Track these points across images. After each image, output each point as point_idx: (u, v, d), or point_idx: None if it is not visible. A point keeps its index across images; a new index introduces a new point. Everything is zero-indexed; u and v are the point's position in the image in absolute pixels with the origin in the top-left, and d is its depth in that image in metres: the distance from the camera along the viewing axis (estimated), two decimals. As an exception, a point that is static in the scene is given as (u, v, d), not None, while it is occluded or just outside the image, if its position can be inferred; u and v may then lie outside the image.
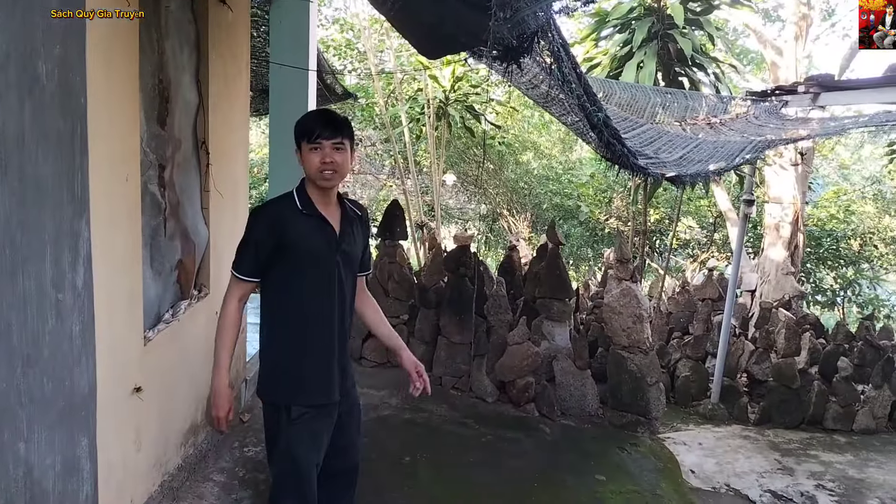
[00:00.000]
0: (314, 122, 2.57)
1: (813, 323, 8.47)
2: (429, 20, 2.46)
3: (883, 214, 14.40)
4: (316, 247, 2.57)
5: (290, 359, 2.60)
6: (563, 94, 2.66)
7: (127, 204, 2.81)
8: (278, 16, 6.60)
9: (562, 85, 2.56)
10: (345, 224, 2.67)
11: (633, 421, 5.01)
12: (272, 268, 2.56)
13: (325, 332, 2.62)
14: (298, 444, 2.58)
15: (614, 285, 5.08)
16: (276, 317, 2.63)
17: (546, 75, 2.85)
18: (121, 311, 2.81)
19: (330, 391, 2.63)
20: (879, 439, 6.97)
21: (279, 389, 2.60)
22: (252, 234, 2.59)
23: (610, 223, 15.84)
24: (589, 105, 2.58)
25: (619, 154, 2.95)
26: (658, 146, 4.01)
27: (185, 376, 3.65)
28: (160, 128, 3.23)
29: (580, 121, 3.03)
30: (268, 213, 2.63)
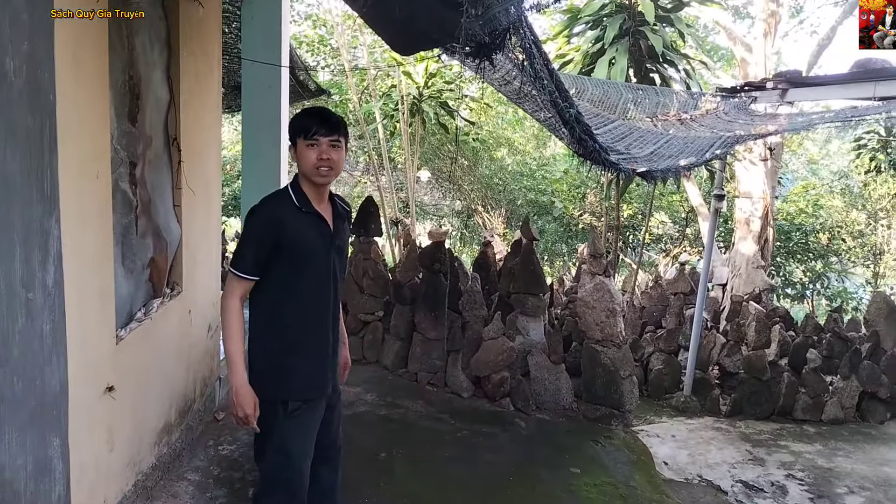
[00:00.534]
0: (311, 120, 2.59)
1: (782, 316, 8.61)
2: (401, 17, 2.47)
3: (850, 208, 14.66)
4: (314, 244, 2.62)
5: (287, 355, 2.63)
6: (535, 90, 2.68)
7: (97, 201, 2.78)
8: (250, 12, 6.56)
9: (534, 81, 2.58)
10: (337, 220, 2.73)
11: (606, 414, 5.07)
12: (270, 266, 2.59)
13: (322, 328, 2.68)
14: (294, 437, 2.63)
15: (588, 280, 5.13)
16: (272, 313, 2.66)
17: (518, 72, 2.87)
18: (92, 310, 2.78)
19: (325, 385, 2.71)
20: (847, 429, 7.11)
21: (275, 385, 2.62)
22: (252, 233, 2.62)
23: (584, 219, 15.95)
24: (561, 101, 2.60)
25: (590, 150, 2.98)
26: (629, 142, 4.06)
27: (158, 375, 3.63)
28: (131, 125, 3.20)
29: (552, 117, 3.06)
30: (266, 212, 2.63)
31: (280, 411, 2.60)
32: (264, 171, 6.72)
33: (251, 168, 6.82)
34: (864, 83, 4.80)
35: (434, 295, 5.34)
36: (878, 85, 4.67)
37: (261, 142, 6.69)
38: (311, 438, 2.71)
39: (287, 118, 7.05)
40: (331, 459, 2.93)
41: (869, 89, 4.77)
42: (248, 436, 4.31)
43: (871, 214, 14.33)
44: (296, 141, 2.64)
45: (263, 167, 6.72)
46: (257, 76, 6.58)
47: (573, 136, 2.86)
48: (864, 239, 14.62)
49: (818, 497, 5.48)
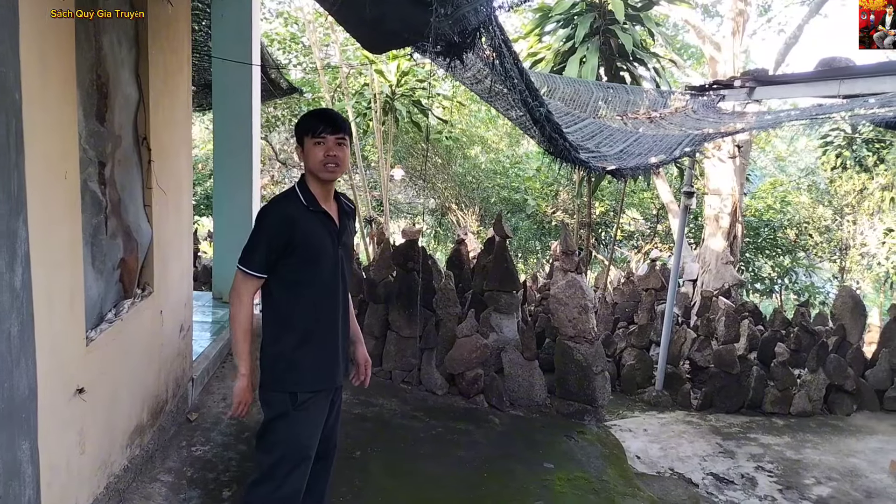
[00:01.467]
0: (317, 119, 2.71)
1: (751, 310, 8.75)
2: (371, 16, 2.47)
3: (817, 204, 14.91)
4: (322, 242, 2.72)
5: (298, 348, 2.72)
6: (505, 89, 2.70)
7: (66, 202, 2.75)
8: (220, 9, 6.52)
9: (504, 80, 2.60)
10: (342, 217, 2.84)
11: (580, 409, 5.12)
12: (280, 264, 2.68)
13: (332, 322, 2.78)
14: (302, 429, 2.72)
15: (560, 277, 5.17)
16: (285, 309, 2.74)
17: (489, 71, 2.89)
18: (61, 312, 2.75)
19: (334, 377, 2.83)
20: (815, 421, 7.24)
21: (287, 377, 2.71)
22: (262, 232, 2.69)
23: (557, 216, 16.04)
24: (531, 100, 2.62)
25: (561, 148, 3.00)
26: (599, 140, 4.10)
27: (129, 376, 3.60)
28: (99, 124, 3.17)
29: (523, 116, 3.08)
30: (277, 212, 2.72)
31: (289, 403, 2.68)
32: (236, 169, 6.70)
33: (223, 166, 6.78)
34: (829, 81, 4.89)
35: (408, 293, 5.35)
36: (842, 83, 4.76)
37: (233, 140, 6.66)
38: (317, 431, 2.79)
39: (259, 116, 7.02)
40: (327, 455, 2.99)
41: (834, 87, 4.87)
42: (221, 436, 4.30)
43: (837, 210, 14.57)
44: (303, 140, 2.72)
45: (236, 165, 6.70)
46: (228, 74, 6.54)
47: (543, 134, 2.88)
48: (831, 234, 14.87)
49: (787, 488, 5.58)
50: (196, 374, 4.83)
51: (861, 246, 13.89)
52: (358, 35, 3.31)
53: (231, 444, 4.20)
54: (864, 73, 4.71)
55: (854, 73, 4.76)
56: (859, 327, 7.82)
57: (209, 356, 5.26)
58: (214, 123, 6.88)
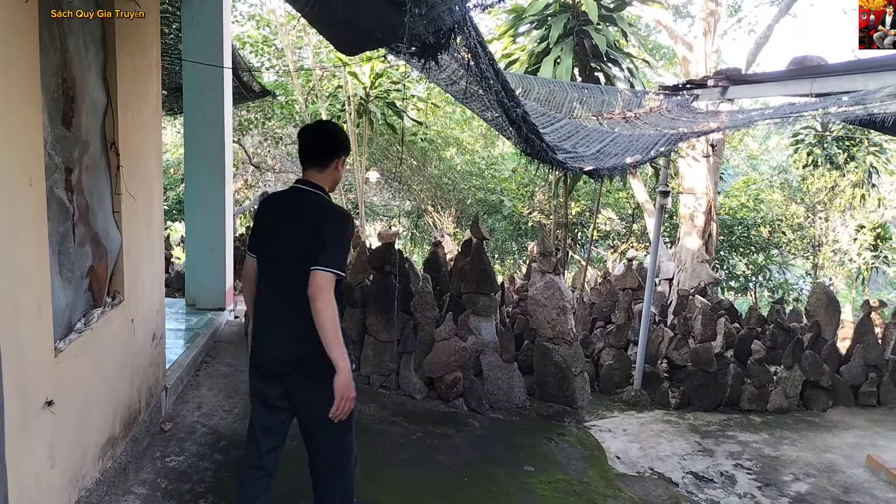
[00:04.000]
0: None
1: (727, 308, 8.81)
2: (344, 16, 2.43)
3: (790, 202, 15.07)
4: None
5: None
6: (481, 90, 2.67)
7: (31, 210, 2.67)
8: (190, 12, 6.43)
9: (480, 81, 2.56)
10: None
11: (559, 411, 5.10)
12: None
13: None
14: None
15: (538, 278, 5.15)
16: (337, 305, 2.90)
17: (464, 72, 2.85)
18: (28, 323, 2.67)
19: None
20: (792, 417, 7.30)
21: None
22: (348, 236, 2.96)
23: (533, 217, 16.07)
24: (507, 101, 2.59)
25: (538, 149, 2.98)
26: (576, 141, 4.08)
27: (100, 386, 3.51)
28: (65, 129, 3.09)
29: (499, 116, 3.05)
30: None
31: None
32: (209, 173, 6.61)
33: (195, 171, 6.69)
34: (801, 80, 4.92)
35: (385, 297, 5.29)
36: (814, 82, 4.79)
37: (205, 144, 6.57)
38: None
39: (231, 120, 6.94)
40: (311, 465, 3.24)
41: (806, 86, 4.90)
42: (196, 446, 4.21)
43: (809, 208, 14.75)
44: (342, 157, 3.00)
45: (208, 170, 6.61)
46: (199, 78, 6.46)
47: (520, 135, 2.85)
48: (804, 232, 15.04)
49: (765, 485, 5.60)
50: (170, 382, 4.74)
51: (833, 243, 14.05)
52: (331, 36, 3.26)
53: (206, 454, 4.12)
54: (835, 72, 4.75)
55: (826, 71, 4.80)
56: (834, 323, 7.90)
57: (183, 364, 5.17)
58: (185, 127, 6.79)
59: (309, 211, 2.95)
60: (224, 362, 5.73)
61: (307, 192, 3.01)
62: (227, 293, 6.79)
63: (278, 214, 3.07)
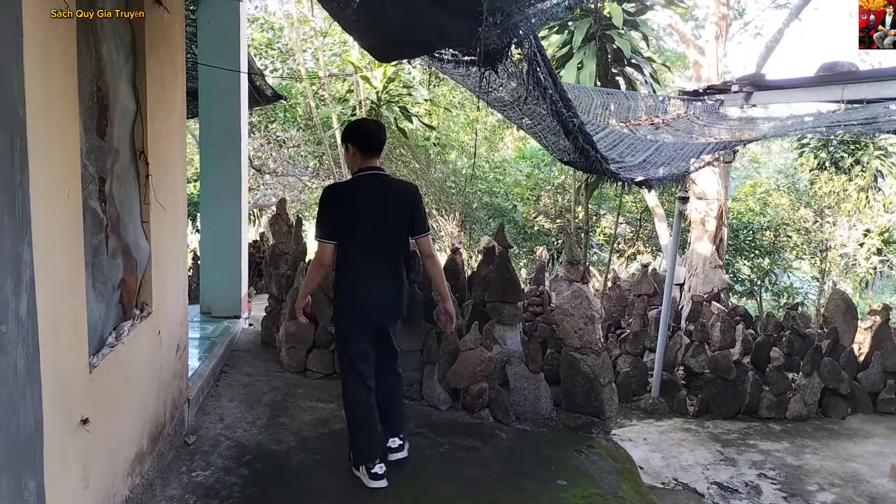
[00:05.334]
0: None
1: (743, 315, 8.74)
2: (397, 25, 2.35)
3: (798, 206, 15.02)
4: None
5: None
6: (537, 99, 2.58)
7: (69, 222, 2.59)
8: (206, 16, 6.35)
9: (535, 89, 2.48)
10: None
11: (587, 422, 5.01)
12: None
13: None
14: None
15: (565, 287, 5.07)
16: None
17: (514, 80, 2.77)
18: (66, 339, 2.59)
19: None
20: (811, 425, 7.23)
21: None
22: None
23: (538, 221, 15.99)
24: (565, 111, 2.52)
25: (593, 160, 2.90)
26: (622, 150, 4.00)
27: (130, 401, 3.43)
28: (100, 138, 3.00)
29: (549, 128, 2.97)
30: None
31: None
32: (224, 179, 6.52)
33: (210, 177, 6.60)
34: (831, 86, 4.86)
35: (408, 305, 5.19)
36: (846, 88, 4.72)
37: (220, 150, 6.48)
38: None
39: (246, 125, 6.85)
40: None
41: (837, 92, 4.83)
42: (221, 460, 4.13)
43: (817, 212, 14.70)
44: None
45: (223, 175, 6.52)
46: (215, 82, 6.37)
47: (576, 146, 2.77)
48: (811, 236, 14.99)
49: (791, 496, 5.54)
50: (191, 394, 4.66)
51: (841, 247, 14.00)
52: (371, 44, 3.18)
53: (232, 468, 4.03)
54: (868, 78, 4.68)
55: (858, 77, 4.73)
56: (852, 330, 7.83)
57: (203, 374, 5.08)
58: (201, 132, 6.71)
59: (402, 191, 3.82)
60: (243, 372, 5.64)
61: (388, 177, 3.79)
62: (242, 300, 6.70)
63: (369, 199, 3.70)
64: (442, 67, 3.63)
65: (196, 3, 6.26)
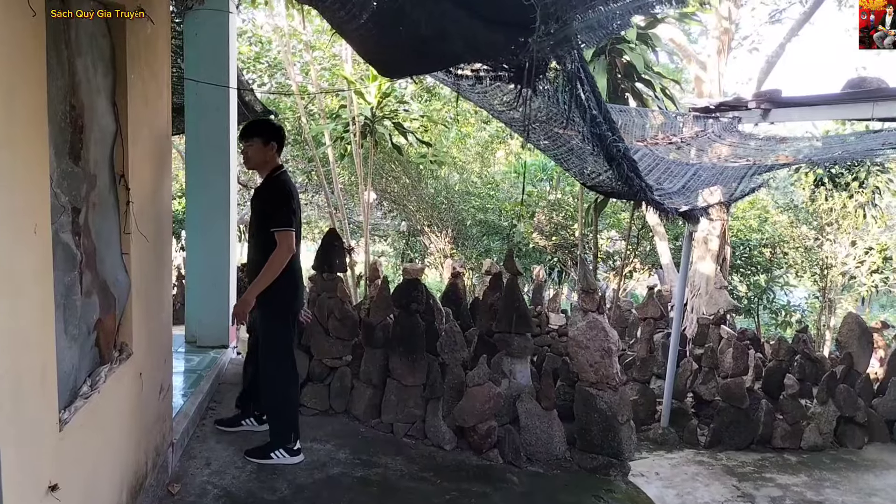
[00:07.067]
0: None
1: (751, 338, 8.43)
2: (420, 35, 2.01)
3: (798, 223, 14.81)
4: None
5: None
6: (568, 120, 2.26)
7: (36, 262, 2.24)
8: (193, 28, 6.01)
9: (573, 110, 2.16)
10: (258, 191, 4.35)
11: (604, 463, 4.67)
12: None
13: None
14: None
15: (579, 317, 4.73)
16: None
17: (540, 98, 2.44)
18: (31, 397, 2.23)
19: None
20: (828, 456, 6.92)
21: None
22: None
23: (533, 238, 15.68)
24: (610, 134, 2.19)
25: (637, 189, 2.58)
26: (658, 175, 3.69)
27: (107, 456, 3.06)
28: (73, 163, 2.65)
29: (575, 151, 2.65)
30: None
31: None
32: (212, 199, 6.14)
33: (197, 196, 6.24)
34: (860, 103, 4.58)
35: (411, 337, 4.85)
36: (876, 105, 4.45)
37: (208, 166, 6.12)
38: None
39: (236, 143, 6.50)
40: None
41: (866, 110, 4.55)
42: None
43: (816, 229, 14.49)
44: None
45: (211, 195, 6.15)
46: (202, 98, 6.02)
47: (620, 174, 2.45)
48: (811, 254, 14.78)
49: (816, 536, 5.21)
50: (176, 436, 4.28)
51: (841, 265, 13.78)
52: (378, 58, 2.85)
53: (222, 522, 3.66)
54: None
55: (889, 94, 4.45)
56: (867, 355, 7.54)
57: (188, 414, 4.69)
58: (187, 149, 6.34)
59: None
60: (230, 408, 5.23)
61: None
62: (230, 328, 6.32)
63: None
64: (456, 83, 3.31)
65: (182, 14, 5.91)
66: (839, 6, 15.51)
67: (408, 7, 1.91)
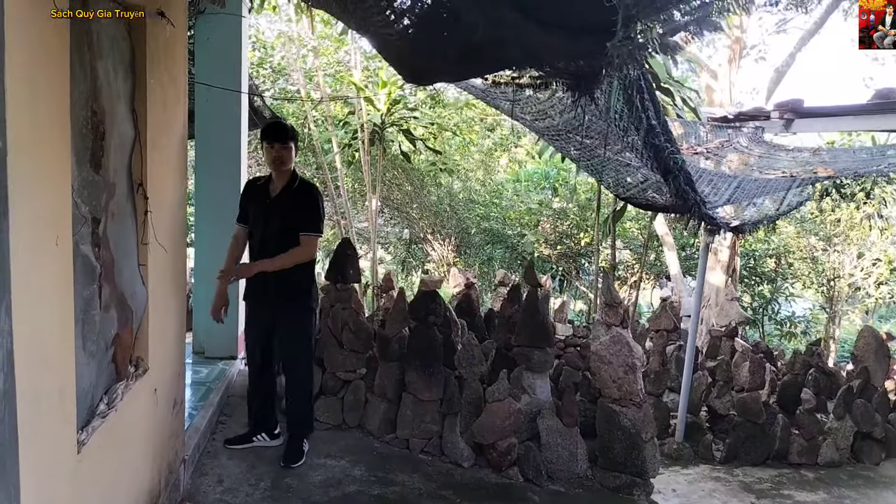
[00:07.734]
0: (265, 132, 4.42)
1: (765, 351, 8.31)
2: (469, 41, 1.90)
3: (806, 234, 14.72)
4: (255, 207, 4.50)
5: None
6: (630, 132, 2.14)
7: (57, 275, 2.13)
8: (205, 32, 5.89)
9: (626, 119, 2.05)
10: (283, 193, 4.34)
11: (628, 482, 4.54)
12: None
13: (255, 256, 4.51)
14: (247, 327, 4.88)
15: (603, 332, 4.62)
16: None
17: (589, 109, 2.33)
18: (50, 418, 2.12)
19: (257, 292, 4.45)
20: (845, 472, 6.79)
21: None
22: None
23: (537, 246, 15.57)
24: (668, 146, 2.08)
25: (691, 203, 2.47)
26: (702, 187, 3.57)
27: (123, 475, 2.94)
28: (94, 172, 2.53)
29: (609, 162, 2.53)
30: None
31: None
32: (222, 206, 5.98)
33: (207, 203, 6.11)
34: (889, 114, 4.47)
35: (427, 350, 4.72)
36: (906, 117, 4.35)
37: (218, 172, 5.99)
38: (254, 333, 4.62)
39: (246, 148, 6.38)
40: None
41: (894, 121, 4.45)
42: (225, 534, 3.62)
43: (825, 240, 14.39)
44: (262, 144, 4.34)
45: (221, 202, 5.99)
46: (213, 103, 5.90)
47: (676, 187, 2.34)
48: (818, 265, 14.68)
49: (840, 557, 5.08)
50: (188, 452, 4.14)
51: (849, 276, 13.68)
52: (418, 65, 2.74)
53: (238, 544, 3.53)
54: (933, 106, 4.31)
55: (921, 105, 4.36)
56: (883, 369, 7.42)
57: (199, 428, 4.55)
58: (197, 155, 6.21)
59: None
60: (241, 422, 5.10)
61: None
62: (239, 339, 6.18)
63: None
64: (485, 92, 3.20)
65: (194, 17, 5.80)
66: (845, 17, 15.46)
67: (463, 13, 1.80)
